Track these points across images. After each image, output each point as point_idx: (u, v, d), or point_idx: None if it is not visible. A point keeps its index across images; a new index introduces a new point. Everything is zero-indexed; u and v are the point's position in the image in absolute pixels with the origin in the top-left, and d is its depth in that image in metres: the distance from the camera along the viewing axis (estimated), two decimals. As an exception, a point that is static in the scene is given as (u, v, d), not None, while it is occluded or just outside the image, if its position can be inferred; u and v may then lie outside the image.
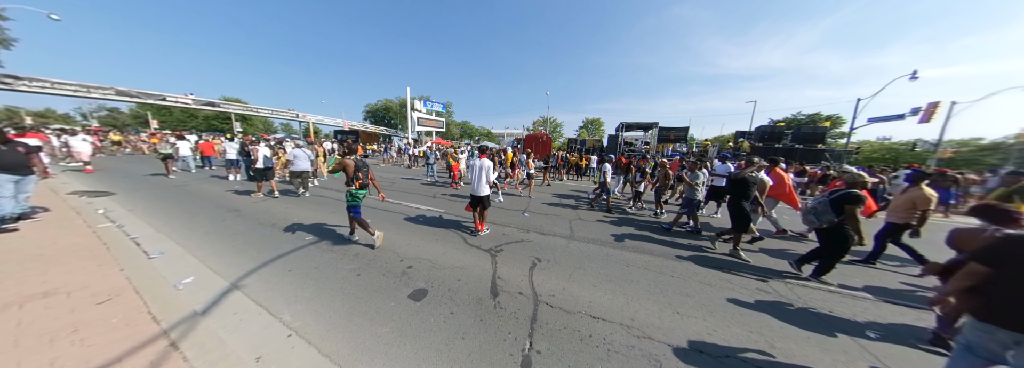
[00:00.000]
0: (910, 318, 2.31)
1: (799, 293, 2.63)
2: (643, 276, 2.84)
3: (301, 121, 31.82)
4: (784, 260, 3.33)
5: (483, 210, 3.96)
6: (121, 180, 7.17)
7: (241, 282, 2.47)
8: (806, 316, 2.27)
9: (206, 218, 4.31)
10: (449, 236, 3.83)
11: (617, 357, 1.75)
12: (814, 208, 2.74)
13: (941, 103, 13.46)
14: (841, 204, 2.56)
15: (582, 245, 3.69)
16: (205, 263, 2.79)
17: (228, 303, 2.17)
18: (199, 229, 3.79)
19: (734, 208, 3.50)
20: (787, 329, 2.08)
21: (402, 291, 2.41)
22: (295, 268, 2.76)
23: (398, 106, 43.65)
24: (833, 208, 2.60)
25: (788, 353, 1.84)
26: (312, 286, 2.45)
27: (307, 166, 6.04)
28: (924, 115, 13.70)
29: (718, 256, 3.48)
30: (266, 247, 3.24)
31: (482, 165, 3.81)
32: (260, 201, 5.46)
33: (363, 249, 3.27)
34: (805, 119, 30.16)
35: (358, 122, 40.40)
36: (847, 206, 2.52)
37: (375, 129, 40.25)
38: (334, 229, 3.94)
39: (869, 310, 2.40)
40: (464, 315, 2.11)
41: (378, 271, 2.75)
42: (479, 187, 3.81)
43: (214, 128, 37.70)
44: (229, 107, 25.63)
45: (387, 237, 3.65)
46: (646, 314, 2.19)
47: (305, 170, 6.02)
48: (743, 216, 3.42)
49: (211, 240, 3.42)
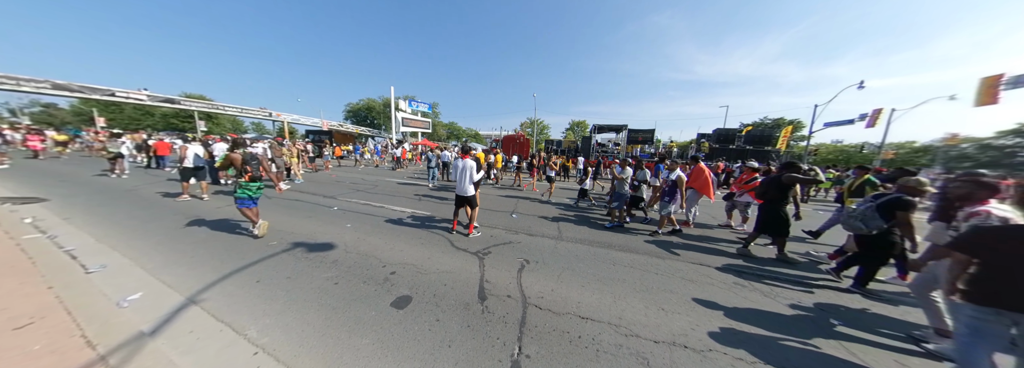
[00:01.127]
0: (877, 308, 2.51)
1: (777, 291, 2.77)
2: (629, 275, 2.87)
3: (275, 120, 29.93)
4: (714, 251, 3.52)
5: (472, 210, 3.92)
6: (58, 184, 6.31)
7: (200, 296, 2.21)
8: (779, 308, 2.39)
9: (160, 225, 3.87)
10: (435, 240, 3.69)
11: (606, 357, 1.74)
12: (862, 214, 2.53)
13: (883, 110, 15.08)
14: (891, 210, 2.40)
15: (570, 245, 3.69)
16: (157, 276, 2.49)
17: (183, 321, 1.93)
18: (151, 238, 3.39)
19: (770, 212, 3.38)
20: (762, 321, 2.18)
21: (384, 299, 2.27)
22: (265, 278, 2.53)
23: (381, 106, 42.23)
24: (881, 214, 2.44)
25: (764, 344, 1.91)
26: (283, 297, 2.25)
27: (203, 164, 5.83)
28: (869, 120, 15.29)
29: (695, 253, 3.61)
30: (231, 256, 2.95)
31: (465, 165, 3.78)
32: (225, 207, 5.01)
33: (341, 255, 3.07)
34: (771, 123, 32.66)
35: (338, 122, 38.63)
36: (899, 212, 2.37)
37: (356, 129, 38.66)
38: (310, 234, 3.68)
39: (836, 298, 2.57)
40: (451, 322, 2.01)
41: (358, 278, 2.58)
42: (464, 187, 3.77)
43: (174, 127, 34.49)
44: (191, 104, 23.55)
45: (368, 242, 3.48)
46: (633, 312, 2.20)
47: (202, 167, 5.78)
48: (780, 220, 3.31)
49: (165, 250, 3.07)
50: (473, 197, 3.83)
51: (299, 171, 8.17)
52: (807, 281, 2.92)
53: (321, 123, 31.81)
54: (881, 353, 1.90)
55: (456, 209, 4.04)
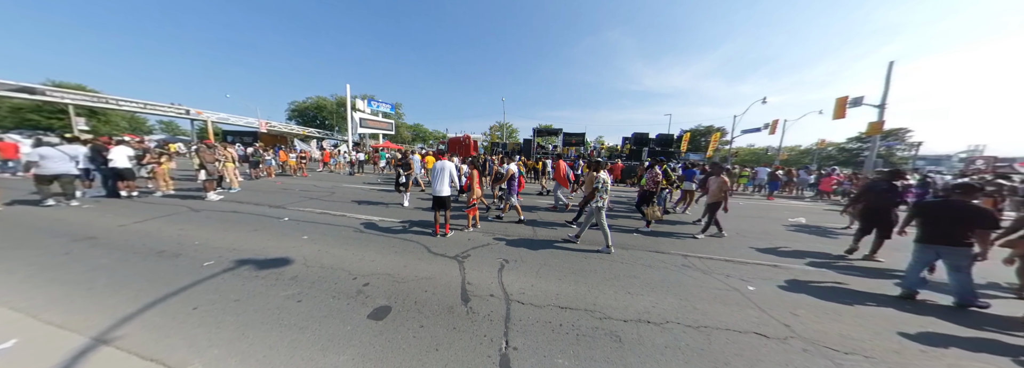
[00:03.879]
0: (788, 273, 3.16)
1: (708, 264, 3.31)
2: (599, 265, 3.13)
3: (195, 119, 24.85)
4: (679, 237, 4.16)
5: (446, 211, 3.92)
6: None
7: (112, 334, 1.78)
8: (714, 282, 2.86)
9: (34, 252, 2.96)
10: (409, 247, 3.52)
11: (585, 339, 1.89)
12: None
13: (779, 121, 19.49)
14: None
15: (546, 243, 3.86)
16: (38, 317, 1.91)
17: (91, 364, 1.54)
18: (19, 271, 2.57)
19: (883, 216, 3.60)
20: (702, 292, 2.59)
21: (360, 312, 2.11)
22: (203, 304, 2.13)
23: (334, 105, 38.12)
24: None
25: (706, 312, 2.29)
26: (234, 323, 1.93)
27: (63, 168, 4.78)
28: (770, 129, 19.48)
29: (654, 240, 4.11)
30: (150, 282, 2.41)
31: (443, 166, 3.88)
32: (133, 223, 4.04)
33: (301, 270, 2.74)
34: (704, 129, 38.33)
35: (281, 122, 33.73)
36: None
37: (304, 131, 34.24)
38: (258, 250, 3.20)
39: (752, 271, 3.18)
40: (435, 326, 1.97)
41: (326, 293, 2.34)
42: (440, 188, 3.85)
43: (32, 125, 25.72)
44: (56, 94, 17.82)
45: (332, 254, 3.17)
46: (605, 298, 2.43)
47: (61, 173, 4.75)
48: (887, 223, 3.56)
49: (47, 283, 2.36)
50: (447, 198, 3.88)
51: (235, 178, 6.97)
52: (737, 260, 3.54)
53: (258, 123, 27.44)
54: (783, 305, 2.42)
55: (435, 212, 4.00)
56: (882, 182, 3.87)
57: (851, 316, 2.31)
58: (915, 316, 2.35)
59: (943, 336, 2.09)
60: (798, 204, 9.15)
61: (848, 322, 2.21)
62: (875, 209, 3.72)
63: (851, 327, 2.14)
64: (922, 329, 2.16)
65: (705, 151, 24.84)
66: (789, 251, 3.99)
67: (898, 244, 3.48)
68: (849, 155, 36.00)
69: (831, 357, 1.81)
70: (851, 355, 1.83)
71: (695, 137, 31.07)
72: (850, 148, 36.91)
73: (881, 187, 3.79)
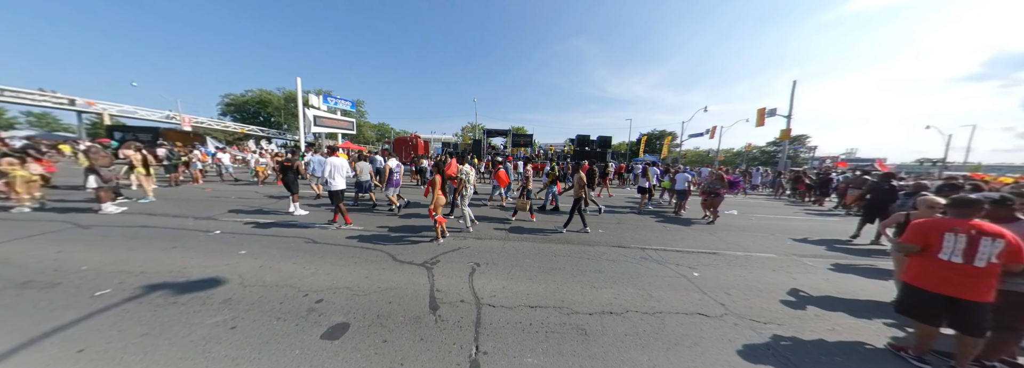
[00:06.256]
0: (724, 261, 3.59)
1: (662, 255, 3.63)
2: (567, 263, 3.23)
3: (84, 112, 19.79)
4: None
5: (340, 204, 4.32)
6: None
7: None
8: (667, 270, 3.15)
9: None
10: (372, 256, 3.25)
11: (553, 336, 1.93)
12: None
13: (717, 127, 23.29)
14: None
15: (517, 244, 3.86)
16: None
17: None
18: None
19: (882, 208, 4.21)
20: (657, 281, 2.84)
21: (311, 333, 1.87)
22: (93, 344, 1.69)
23: (282, 100, 33.63)
24: None
25: (660, 299, 2.51)
26: (138, 364, 1.57)
27: None
28: (710, 134, 23.31)
29: (616, 233, 4.38)
30: (20, 322, 1.85)
31: (332, 162, 4.32)
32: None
33: (236, 291, 2.34)
34: (659, 133, 42.63)
35: (212, 118, 28.69)
36: None
37: (242, 128, 29.64)
38: (177, 271, 2.66)
39: (697, 259, 3.57)
40: (400, 340, 1.83)
41: (267, 316, 2.03)
42: (334, 183, 4.28)
43: None
44: None
45: (276, 270, 2.78)
46: (572, 294, 2.51)
47: None
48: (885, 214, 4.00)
49: None
50: (340, 192, 4.27)
51: (149, 186, 5.74)
52: (685, 250, 3.95)
53: (181, 118, 22.92)
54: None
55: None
56: (883, 183, 4.72)
57: (768, 291, 2.73)
58: (816, 287, 2.87)
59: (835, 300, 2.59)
60: (747, 200, 10.62)
61: (767, 297, 2.61)
62: (877, 203, 4.54)
63: (769, 301, 2.53)
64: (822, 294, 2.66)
65: (659, 153, 28.05)
66: (728, 241, 4.60)
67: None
68: (768, 156, 44.02)
69: (755, 328, 2.11)
70: (768, 324, 2.17)
71: (651, 140, 34.70)
72: (769, 150, 45.13)
73: (882, 187, 4.65)
